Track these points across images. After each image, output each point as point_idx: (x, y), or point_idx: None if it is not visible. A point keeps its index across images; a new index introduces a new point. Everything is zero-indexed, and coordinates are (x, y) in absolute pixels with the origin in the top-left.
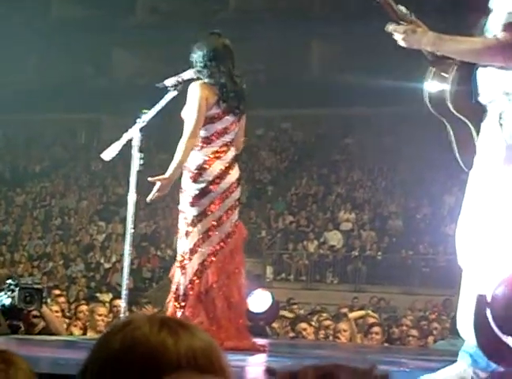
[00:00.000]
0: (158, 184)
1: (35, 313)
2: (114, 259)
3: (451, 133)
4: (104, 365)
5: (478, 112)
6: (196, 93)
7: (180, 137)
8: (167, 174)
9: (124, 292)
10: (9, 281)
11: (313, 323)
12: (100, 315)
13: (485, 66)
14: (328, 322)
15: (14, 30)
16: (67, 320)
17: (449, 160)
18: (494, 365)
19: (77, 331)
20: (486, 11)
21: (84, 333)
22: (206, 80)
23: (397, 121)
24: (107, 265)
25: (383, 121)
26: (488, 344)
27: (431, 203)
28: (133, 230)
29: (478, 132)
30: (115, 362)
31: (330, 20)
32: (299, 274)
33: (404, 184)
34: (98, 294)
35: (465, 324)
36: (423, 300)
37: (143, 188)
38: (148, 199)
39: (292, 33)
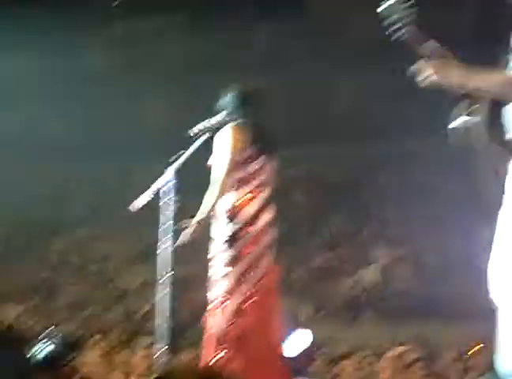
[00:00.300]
0: (188, 229)
1: (72, 363)
2: (151, 303)
3: (478, 169)
4: None
5: (507, 147)
6: (227, 137)
7: (208, 180)
8: (197, 218)
9: (163, 337)
10: (47, 330)
11: (352, 362)
12: (138, 361)
13: None
14: (367, 360)
15: (37, 78)
16: (106, 368)
17: (483, 191)
18: None
19: (116, 378)
20: (509, 49)
21: None
22: (237, 123)
23: (428, 157)
24: (144, 310)
25: (415, 158)
26: None
27: (467, 237)
28: (169, 275)
29: (507, 168)
30: None
31: (357, 57)
32: (336, 312)
33: (438, 218)
34: (137, 340)
35: (508, 360)
36: (463, 335)
37: (177, 232)
38: (177, 244)
39: (319, 72)
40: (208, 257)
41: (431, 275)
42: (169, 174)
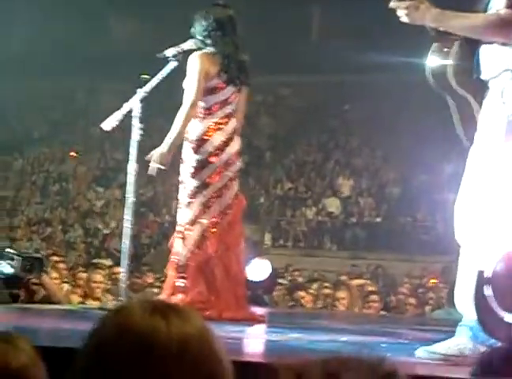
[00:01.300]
0: (157, 158)
1: (35, 281)
2: (112, 224)
3: (452, 108)
4: (97, 352)
5: (480, 88)
6: (196, 64)
7: (180, 104)
8: (164, 147)
9: (124, 260)
10: (8, 250)
11: (311, 291)
12: (97, 282)
13: (488, 43)
14: (327, 290)
15: None
16: (67, 287)
17: (447, 127)
18: (492, 340)
19: (76, 298)
20: None
21: (84, 301)
22: (208, 50)
23: (395, 88)
24: (105, 231)
25: (381, 88)
26: (487, 320)
27: (429, 170)
28: (133, 199)
29: (480, 108)
30: (107, 348)
31: None
32: (297, 240)
33: (402, 151)
34: (97, 260)
35: (464, 299)
36: (421, 267)
37: (142, 154)
38: (149, 172)
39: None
40: (179, 179)
41: (393, 207)
42: (137, 98)
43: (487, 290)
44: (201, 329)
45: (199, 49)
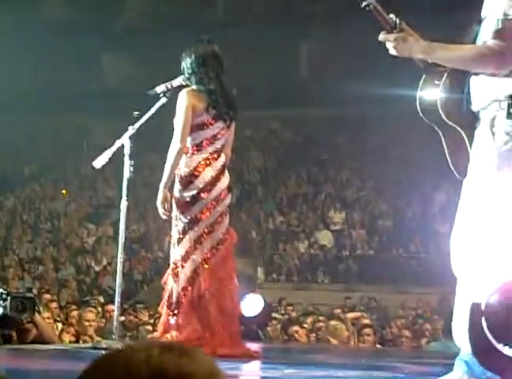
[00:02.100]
0: (161, 200)
1: (27, 321)
2: (104, 262)
3: (443, 140)
4: None
5: (470, 120)
6: (182, 101)
7: (171, 138)
8: (161, 188)
9: (117, 298)
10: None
11: (305, 325)
12: (89, 320)
13: (477, 74)
14: (321, 324)
15: (0, 32)
16: (60, 326)
17: (438, 158)
18: (489, 373)
19: (68, 337)
20: (478, 19)
21: (77, 339)
22: (195, 87)
23: (385, 121)
24: (97, 268)
25: (371, 121)
26: (483, 352)
27: (421, 201)
28: (124, 237)
29: (471, 139)
30: None
31: (318, 20)
32: (290, 274)
33: (393, 183)
34: (89, 298)
35: (461, 332)
36: (415, 299)
37: (133, 191)
38: (164, 218)
39: (280, 33)
40: (171, 216)
41: (385, 239)
42: (127, 135)
43: (482, 323)
44: (210, 367)
45: (187, 85)
